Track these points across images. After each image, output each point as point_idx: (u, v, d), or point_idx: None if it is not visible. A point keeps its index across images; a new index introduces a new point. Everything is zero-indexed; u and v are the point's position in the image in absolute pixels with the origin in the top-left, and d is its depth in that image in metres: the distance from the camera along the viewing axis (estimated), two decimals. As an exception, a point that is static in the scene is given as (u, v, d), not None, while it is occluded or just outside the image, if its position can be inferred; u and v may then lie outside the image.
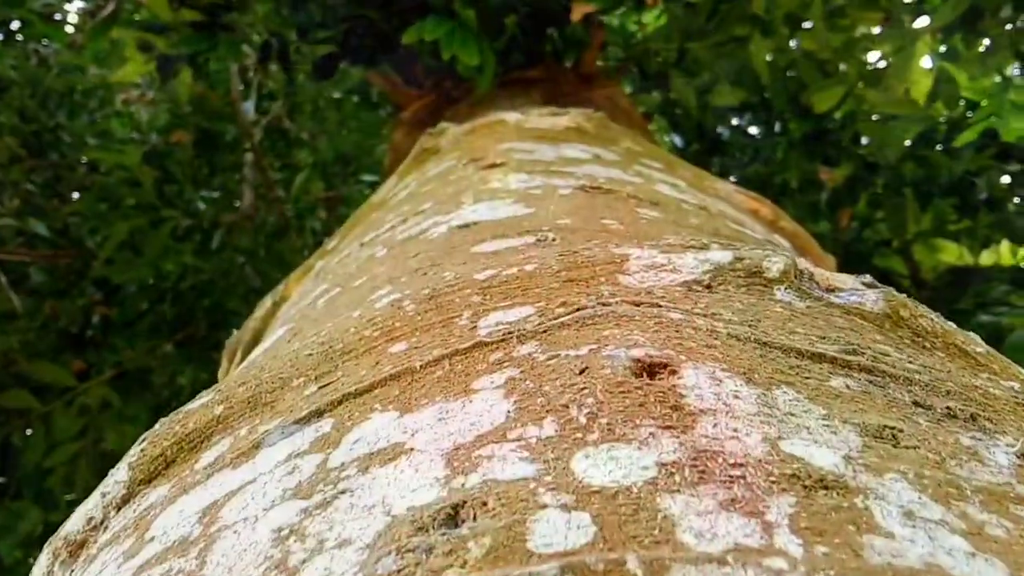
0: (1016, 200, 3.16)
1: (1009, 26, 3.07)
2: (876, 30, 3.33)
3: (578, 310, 0.61)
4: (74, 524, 0.66)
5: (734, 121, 3.80)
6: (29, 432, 3.68)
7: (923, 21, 3.18)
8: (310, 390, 0.64)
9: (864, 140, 3.34)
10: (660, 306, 0.60)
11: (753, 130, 3.79)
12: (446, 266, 0.82)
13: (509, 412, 0.48)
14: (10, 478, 3.61)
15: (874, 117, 3.18)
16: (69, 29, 4.58)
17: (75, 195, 4.39)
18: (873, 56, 3.54)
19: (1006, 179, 3.15)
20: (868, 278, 0.71)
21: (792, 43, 3.16)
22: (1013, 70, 3.46)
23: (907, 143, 3.10)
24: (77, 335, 4.13)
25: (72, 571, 0.62)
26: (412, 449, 0.48)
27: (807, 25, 2.89)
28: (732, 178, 3.73)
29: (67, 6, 4.37)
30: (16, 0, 2.44)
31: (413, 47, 2.43)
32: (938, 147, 3.16)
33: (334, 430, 0.55)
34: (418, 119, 2.61)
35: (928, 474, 0.42)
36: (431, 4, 2.15)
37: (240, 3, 2.53)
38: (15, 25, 4.27)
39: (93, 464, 3.62)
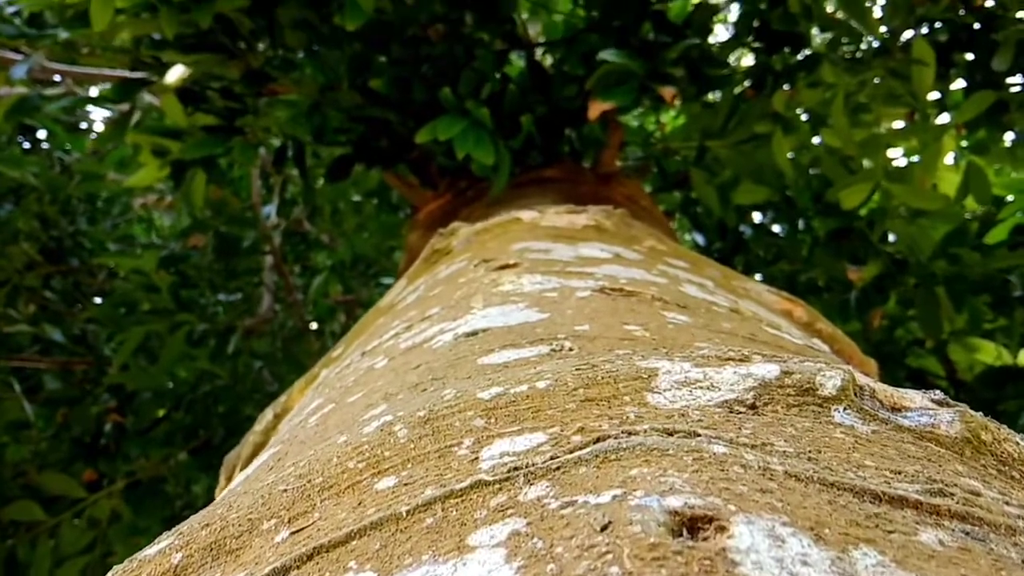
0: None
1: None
2: (899, 124, 3.29)
3: (598, 440, 0.50)
4: None
5: (757, 219, 3.74)
6: (35, 544, 3.56)
7: (946, 117, 3.13)
8: (281, 536, 0.54)
9: (891, 238, 3.26)
10: (698, 435, 0.50)
11: (776, 228, 3.72)
12: (448, 381, 0.72)
13: (511, 583, 0.38)
14: (14, 594, 3.48)
15: (902, 211, 3.10)
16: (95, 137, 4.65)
17: (95, 300, 4.38)
18: (896, 152, 3.48)
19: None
20: (939, 394, 0.61)
21: (815, 140, 3.11)
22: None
23: (937, 240, 3.01)
24: (90, 444, 4.04)
25: None
26: (387, 632, 0.37)
27: (830, 121, 2.83)
28: (758, 277, 3.65)
29: (92, 115, 4.44)
30: (31, 106, 2.44)
31: (428, 147, 2.39)
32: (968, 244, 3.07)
33: (298, 597, 0.44)
34: (433, 220, 2.55)
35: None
36: (445, 103, 2.11)
37: (255, 107, 2.52)
38: (42, 134, 4.33)
39: (101, 580, 3.48)
